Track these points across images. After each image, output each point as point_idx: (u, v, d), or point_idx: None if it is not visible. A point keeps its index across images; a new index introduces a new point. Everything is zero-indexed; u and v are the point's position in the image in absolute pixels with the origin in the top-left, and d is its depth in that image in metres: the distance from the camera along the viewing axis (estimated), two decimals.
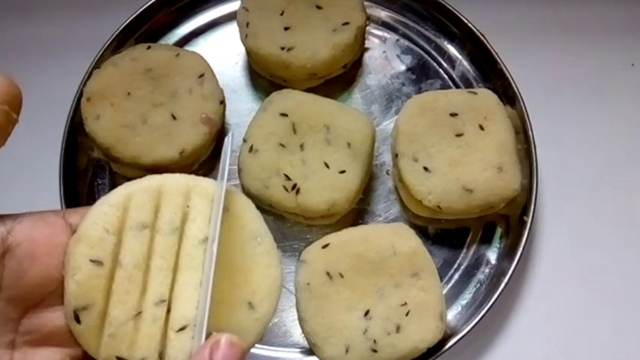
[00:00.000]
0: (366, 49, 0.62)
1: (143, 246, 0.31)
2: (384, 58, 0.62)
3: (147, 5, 0.61)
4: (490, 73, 0.60)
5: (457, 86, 0.61)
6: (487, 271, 0.55)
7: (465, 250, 0.56)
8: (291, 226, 0.56)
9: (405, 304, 0.48)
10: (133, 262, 0.31)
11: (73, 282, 0.31)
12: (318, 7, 0.57)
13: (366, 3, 0.59)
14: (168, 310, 0.31)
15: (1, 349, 0.30)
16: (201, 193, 0.32)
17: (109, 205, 0.32)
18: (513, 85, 0.58)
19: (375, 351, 0.47)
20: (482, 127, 0.53)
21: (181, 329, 0.31)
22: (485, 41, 0.59)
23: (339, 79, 0.60)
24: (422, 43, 0.63)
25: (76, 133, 0.57)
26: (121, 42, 0.60)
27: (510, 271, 0.53)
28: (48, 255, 0.31)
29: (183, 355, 0.31)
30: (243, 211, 0.33)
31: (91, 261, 0.31)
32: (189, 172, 0.34)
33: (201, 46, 0.63)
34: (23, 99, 0.31)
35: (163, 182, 0.32)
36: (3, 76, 0.30)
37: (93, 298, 0.31)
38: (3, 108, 0.29)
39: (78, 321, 0.31)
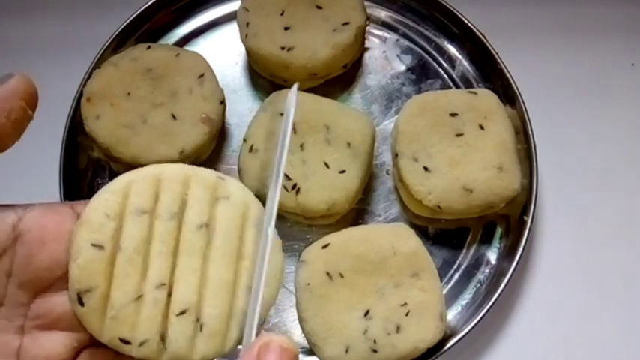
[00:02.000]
0: (366, 49, 0.62)
1: (143, 231, 0.32)
2: (384, 58, 0.62)
3: (147, 5, 0.61)
4: (490, 73, 0.60)
5: (457, 86, 0.61)
6: (487, 271, 0.55)
7: (465, 250, 0.56)
8: (291, 226, 0.56)
9: (405, 304, 0.49)
10: (132, 246, 0.32)
11: (75, 265, 0.31)
12: (318, 7, 0.57)
13: (366, 3, 0.59)
14: (169, 294, 0.32)
15: (12, 334, 0.31)
16: (199, 182, 0.33)
17: (110, 192, 0.33)
18: (513, 85, 0.58)
19: (375, 351, 0.47)
20: (482, 127, 0.53)
21: (181, 313, 0.32)
22: (485, 41, 0.59)
23: (339, 79, 0.60)
24: (422, 43, 0.63)
25: (76, 133, 0.57)
26: (121, 42, 0.60)
27: (510, 271, 0.53)
28: (56, 241, 0.32)
29: (184, 338, 0.32)
30: (242, 198, 0.34)
31: (93, 245, 0.31)
32: None
33: (201, 46, 0.63)
34: None
35: (163, 171, 0.33)
36: (22, 75, 0.31)
37: (95, 281, 0.31)
38: (21, 104, 0.31)
39: (81, 303, 0.31)
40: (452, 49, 0.62)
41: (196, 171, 0.34)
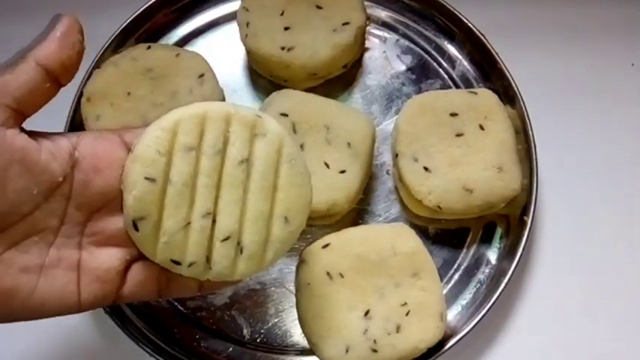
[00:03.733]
0: (366, 49, 0.62)
1: (190, 166, 0.36)
2: (384, 58, 0.62)
3: (147, 5, 0.61)
4: (490, 73, 0.60)
5: (457, 86, 0.61)
6: (487, 271, 0.55)
7: (465, 250, 0.56)
8: None
9: (405, 304, 0.49)
10: (181, 180, 0.36)
11: (130, 196, 0.36)
12: (318, 7, 0.57)
13: (366, 3, 0.59)
14: (214, 222, 0.37)
15: (71, 249, 0.36)
16: (240, 120, 0.37)
17: (160, 129, 0.36)
18: (513, 85, 0.58)
19: (375, 351, 0.47)
20: (482, 127, 0.53)
21: (225, 239, 0.37)
22: (485, 41, 0.59)
23: (339, 79, 0.60)
24: (422, 43, 0.63)
25: None
26: (121, 42, 0.60)
27: (510, 271, 0.53)
28: (109, 168, 0.36)
29: (227, 260, 0.37)
30: (278, 136, 0.37)
31: (146, 178, 0.35)
32: None
33: (201, 46, 0.63)
34: None
35: (207, 109, 0.36)
36: (69, 14, 0.38)
37: (148, 210, 0.36)
38: (79, 37, 0.36)
39: (137, 229, 0.36)
40: (452, 49, 0.62)
41: (238, 109, 0.37)
